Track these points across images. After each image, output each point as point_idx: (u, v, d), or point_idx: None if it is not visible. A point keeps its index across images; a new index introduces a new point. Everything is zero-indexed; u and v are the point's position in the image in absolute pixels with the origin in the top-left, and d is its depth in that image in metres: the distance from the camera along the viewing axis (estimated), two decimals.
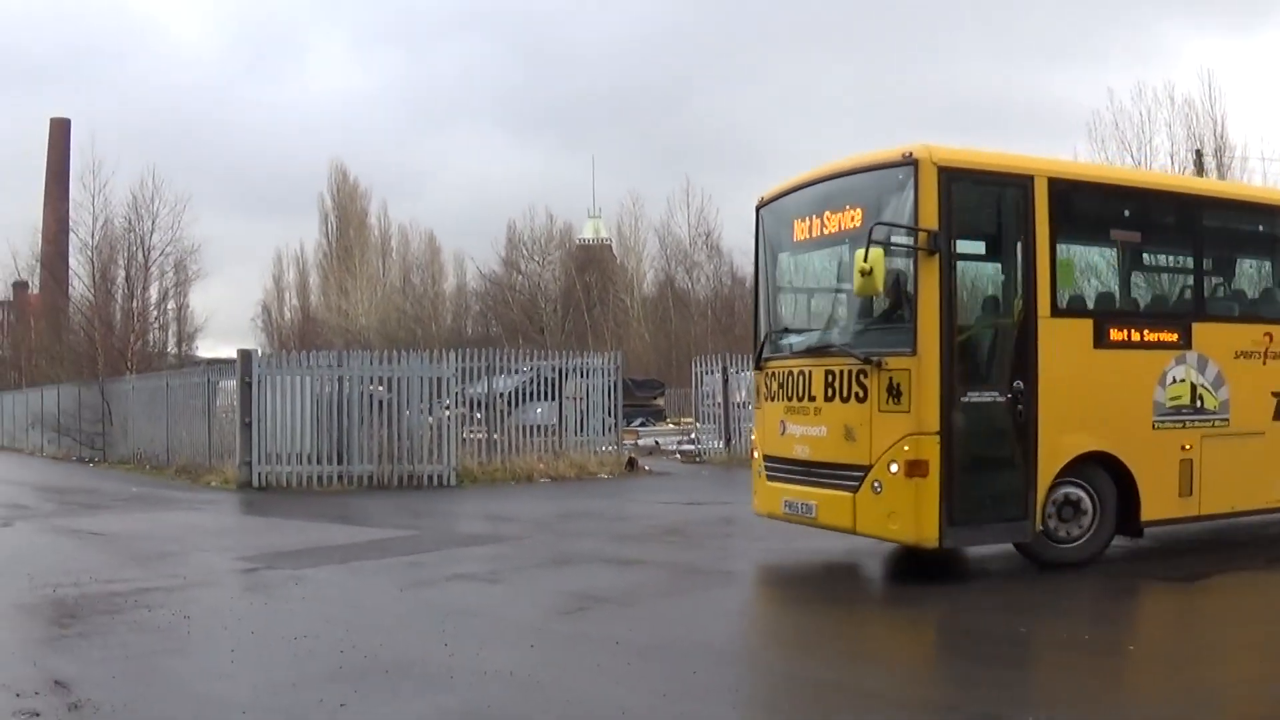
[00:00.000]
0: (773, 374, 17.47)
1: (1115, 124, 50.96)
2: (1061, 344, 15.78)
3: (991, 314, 16.13)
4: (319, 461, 31.71)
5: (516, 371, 36.50)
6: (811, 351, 16.74)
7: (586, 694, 9.95)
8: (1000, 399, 15.40)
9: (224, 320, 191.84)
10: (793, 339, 17.46)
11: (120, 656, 11.33)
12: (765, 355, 17.71)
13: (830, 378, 15.99)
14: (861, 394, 15.46)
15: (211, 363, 48.65)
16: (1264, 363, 17.51)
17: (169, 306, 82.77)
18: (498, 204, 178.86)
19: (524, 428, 35.34)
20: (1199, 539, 18.48)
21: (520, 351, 40.05)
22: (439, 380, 33.06)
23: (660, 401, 62.97)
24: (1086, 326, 16.28)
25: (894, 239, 15.10)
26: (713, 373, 42.46)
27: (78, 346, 65.15)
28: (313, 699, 9.60)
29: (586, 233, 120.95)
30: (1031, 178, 15.88)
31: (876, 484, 15.19)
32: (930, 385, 14.88)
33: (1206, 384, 17.00)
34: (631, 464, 36.40)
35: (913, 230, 14.97)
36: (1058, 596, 14.72)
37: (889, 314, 15.89)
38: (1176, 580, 16.26)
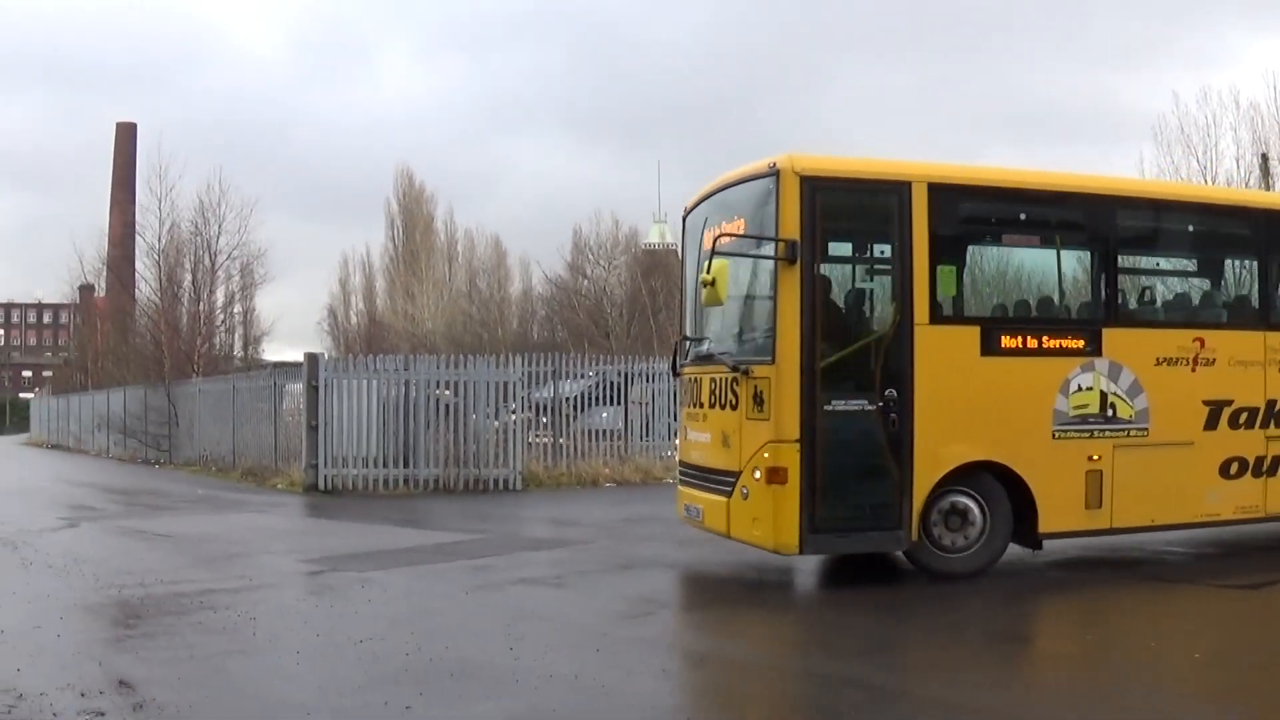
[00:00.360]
0: (682, 381, 17.93)
1: (1180, 128, 50.29)
2: (942, 352, 15.70)
3: (862, 322, 16.15)
4: (385, 465, 31.72)
5: (582, 376, 36.41)
6: (700, 359, 17.09)
7: (650, 698, 9.89)
8: (870, 407, 15.34)
9: (290, 324, 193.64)
10: (695, 347, 17.65)
11: (185, 657, 11.34)
12: (680, 363, 17.84)
13: (713, 385, 16.29)
14: (734, 402, 15.66)
15: (278, 366, 48.76)
16: (1193, 370, 16.96)
17: (235, 310, 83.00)
18: (563, 209, 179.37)
19: (589, 432, 35.23)
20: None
21: (586, 356, 40.06)
22: (505, 384, 32.95)
23: None
24: (972, 334, 16.05)
25: (761, 249, 15.51)
26: None
27: (144, 349, 65.27)
28: (378, 701, 9.57)
29: (652, 237, 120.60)
30: (909, 183, 15.77)
31: (744, 490, 15.37)
32: (789, 394, 14.98)
33: (1120, 392, 16.56)
34: None
35: (772, 240, 15.12)
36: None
37: (759, 324, 16.04)
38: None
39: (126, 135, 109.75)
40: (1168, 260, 19.25)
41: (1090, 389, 16.31)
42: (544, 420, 35.29)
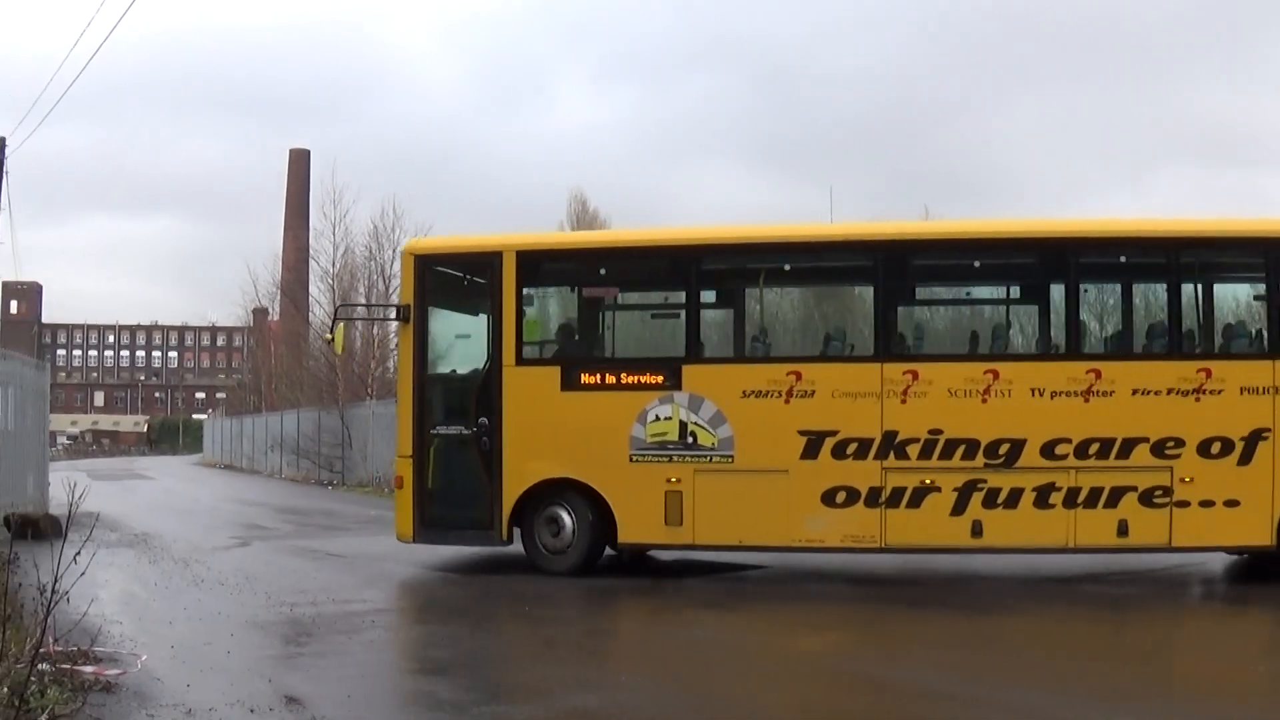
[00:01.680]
0: None
1: None
2: (527, 388, 18.96)
3: (463, 365, 19.98)
4: None
5: None
6: None
7: None
8: (466, 432, 19.09)
9: None
10: None
11: (356, 676, 11.36)
12: None
13: None
14: None
15: None
16: (786, 402, 17.99)
17: None
18: None
19: None
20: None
21: None
22: None
23: None
24: (554, 373, 19.10)
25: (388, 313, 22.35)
26: None
27: (318, 372, 65.87)
28: None
29: None
30: (500, 252, 19.28)
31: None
32: (405, 421, 19.57)
33: (700, 422, 18.21)
34: None
35: (386, 306, 22.02)
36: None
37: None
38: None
39: (300, 162, 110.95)
40: (755, 299, 20.46)
41: (669, 419, 18.32)
42: None
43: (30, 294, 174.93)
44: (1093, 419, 17.43)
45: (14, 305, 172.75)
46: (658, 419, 18.34)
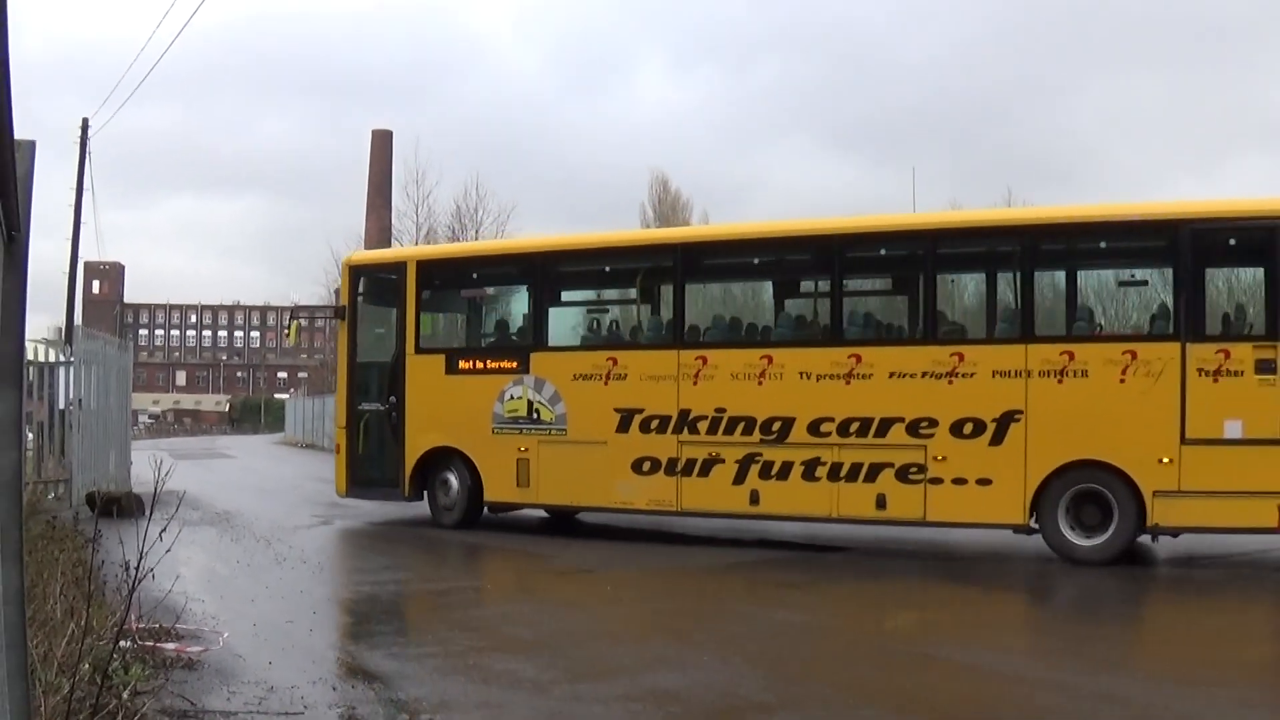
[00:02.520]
0: None
1: None
2: (422, 372, 23.02)
3: (381, 354, 24.16)
4: None
5: None
6: None
7: None
8: (382, 408, 23.38)
9: None
10: None
11: (439, 653, 11.36)
12: None
13: None
14: None
15: None
16: (605, 383, 20.98)
17: None
18: (817, 215, 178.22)
19: None
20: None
21: None
22: None
23: None
24: (440, 360, 23.25)
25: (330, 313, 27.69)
26: None
27: None
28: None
29: None
30: (405, 262, 24.00)
31: None
32: (341, 399, 24.42)
33: (543, 400, 21.59)
34: None
35: (326, 307, 25.29)
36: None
37: None
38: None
39: (383, 142, 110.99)
40: (583, 295, 24.68)
41: (520, 398, 21.82)
42: None
43: (113, 274, 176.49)
44: (853, 400, 19.07)
45: (96, 285, 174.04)
46: (512, 398, 21.90)
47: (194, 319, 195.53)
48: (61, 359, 25.91)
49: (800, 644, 12.61)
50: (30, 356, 24.59)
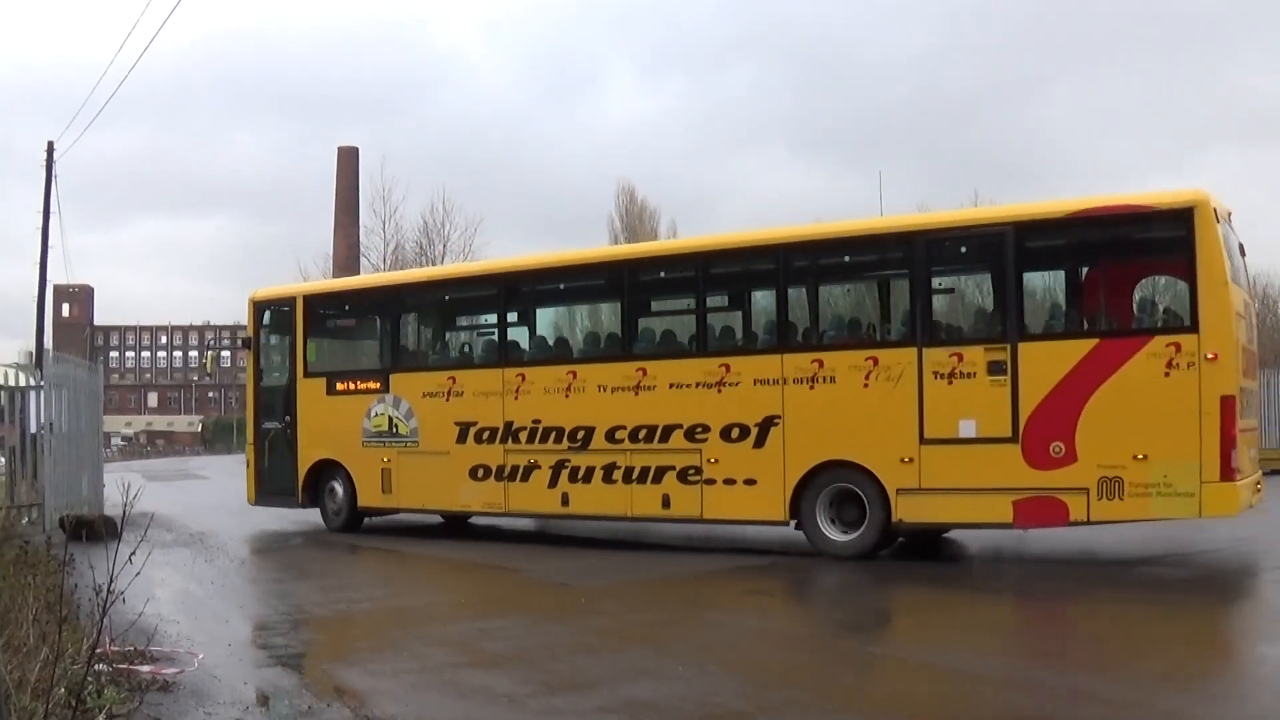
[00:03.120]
0: None
1: None
2: (309, 394, 25.84)
3: (279, 378, 26.87)
4: None
5: None
6: None
7: None
8: (279, 426, 26.37)
9: None
10: None
11: (413, 669, 11.34)
12: None
13: None
14: None
15: None
16: (447, 400, 23.56)
17: None
18: (786, 220, 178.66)
19: None
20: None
21: None
22: None
23: None
24: (322, 382, 25.80)
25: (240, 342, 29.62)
26: None
27: None
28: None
29: None
30: (295, 297, 26.96)
31: None
32: (249, 418, 27.79)
33: (399, 416, 24.32)
34: None
35: (240, 338, 28.00)
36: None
37: None
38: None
39: (349, 159, 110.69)
40: (430, 322, 27.04)
41: (382, 414, 24.52)
42: None
43: (82, 297, 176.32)
44: (642, 409, 21.09)
45: (66, 308, 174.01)
46: (376, 414, 24.65)
47: (164, 340, 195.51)
48: (32, 383, 25.77)
49: (775, 651, 12.67)
50: (0, 381, 24.56)
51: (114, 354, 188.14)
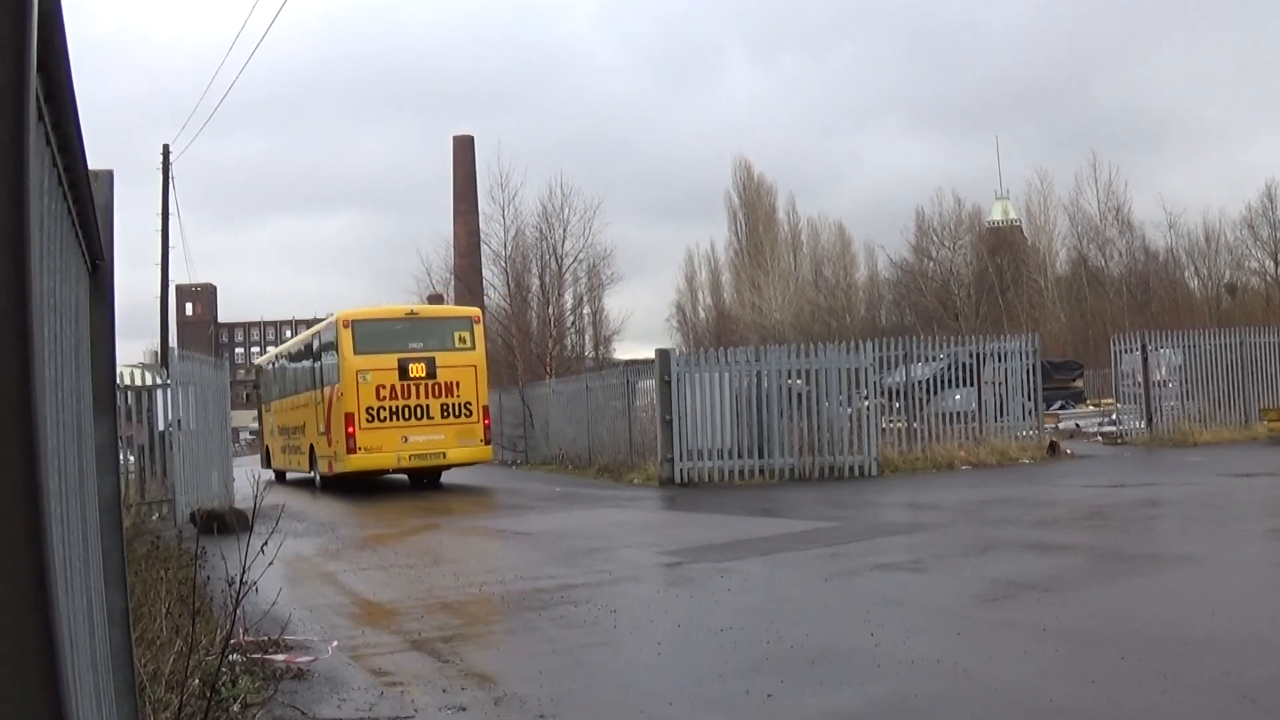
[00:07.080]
0: None
1: None
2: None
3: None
4: (739, 456, 31.85)
5: (933, 359, 36.07)
6: None
7: (1013, 682, 9.43)
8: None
9: (639, 323, 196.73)
10: None
11: (547, 651, 11.27)
12: None
13: None
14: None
15: (629, 364, 49.24)
16: None
17: (584, 311, 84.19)
18: (903, 192, 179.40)
19: (942, 415, 34.89)
20: None
21: (935, 338, 39.71)
22: (856, 371, 32.58)
23: (1079, 383, 61.63)
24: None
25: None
26: (1131, 351, 41.04)
27: (496, 354, 66.45)
28: (739, 690, 9.30)
29: (995, 215, 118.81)
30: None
31: None
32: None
33: None
34: (1053, 448, 35.31)
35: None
36: None
37: None
38: None
39: (465, 148, 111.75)
40: None
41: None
42: (896, 405, 35.01)
43: (205, 295, 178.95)
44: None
45: (190, 307, 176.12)
46: None
47: (289, 334, 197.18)
48: (158, 382, 26.04)
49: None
50: (127, 381, 24.84)
51: (240, 350, 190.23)
